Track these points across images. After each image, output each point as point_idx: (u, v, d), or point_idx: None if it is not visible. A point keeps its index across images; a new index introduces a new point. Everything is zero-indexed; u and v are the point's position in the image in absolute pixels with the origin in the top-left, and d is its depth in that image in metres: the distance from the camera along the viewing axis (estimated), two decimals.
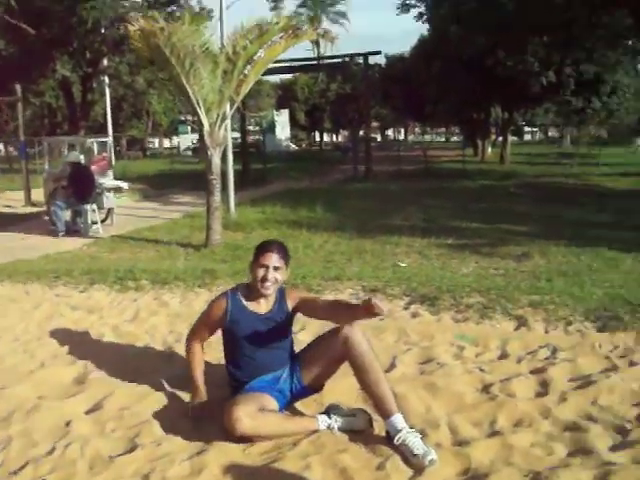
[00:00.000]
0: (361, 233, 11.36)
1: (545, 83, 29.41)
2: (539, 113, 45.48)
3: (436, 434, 3.39)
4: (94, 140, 18.02)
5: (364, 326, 5.16)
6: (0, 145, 51.14)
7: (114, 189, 14.72)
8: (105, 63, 31.04)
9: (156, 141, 73.14)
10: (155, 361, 4.69)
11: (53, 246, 11.38)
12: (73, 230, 13.02)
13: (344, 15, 66.76)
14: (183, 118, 58.25)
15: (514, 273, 7.74)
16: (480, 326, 5.31)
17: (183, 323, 5.59)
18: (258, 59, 10.31)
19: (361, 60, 28.12)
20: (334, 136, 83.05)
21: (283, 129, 53.29)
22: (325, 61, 32.30)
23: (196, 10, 28.95)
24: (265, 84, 61.31)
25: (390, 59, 47.32)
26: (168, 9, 30.28)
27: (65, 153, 15.10)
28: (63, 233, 12.68)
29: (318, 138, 73.06)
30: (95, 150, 17.21)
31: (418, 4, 33.94)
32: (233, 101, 10.82)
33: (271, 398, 3.51)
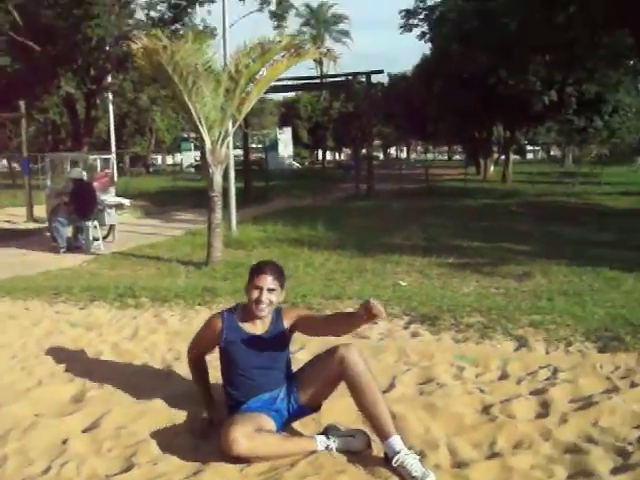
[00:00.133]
0: (362, 251, 11.34)
1: (547, 102, 29.47)
2: (541, 132, 45.51)
3: (435, 455, 3.36)
4: (97, 157, 18.07)
5: (362, 346, 5.18)
6: (3, 161, 51.29)
7: (116, 206, 14.74)
8: (109, 80, 31.23)
9: (159, 158, 73.33)
10: (154, 379, 4.67)
11: (54, 262, 11.37)
12: (74, 246, 13.01)
13: (347, 34, 67.45)
14: (186, 135, 58.42)
15: (515, 292, 7.71)
16: (480, 346, 5.29)
17: (182, 341, 5.55)
18: (260, 77, 10.34)
19: (364, 79, 28.26)
20: (337, 154, 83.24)
21: (286, 147, 53.48)
22: (328, 80, 32.44)
23: (200, 28, 29.16)
24: (268, 102, 61.63)
25: (393, 78, 47.54)
26: (172, 27, 30.49)
27: (68, 169, 15.12)
28: (64, 249, 12.67)
29: (321, 156, 73.23)
30: (98, 167, 17.26)
31: (421, 23, 34.11)
32: (235, 119, 10.84)
33: (268, 418, 3.48)
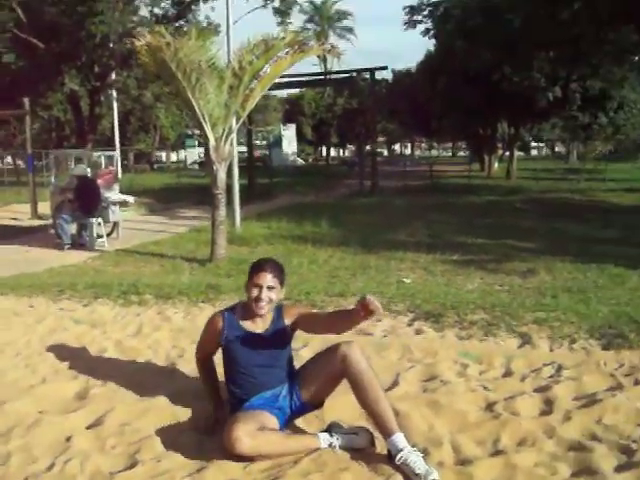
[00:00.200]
0: (366, 248, 11.33)
1: (551, 98, 29.46)
2: (545, 128, 45.54)
3: (439, 453, 3.35)
4: (101, 154, 18.08)
5: (366, 343, 5.18)
6: (8, 158, 51.38)
7: (120, 203, 14.75)
8: (113, 77, 31.24)
9: (163, 155, 73.38)
10: (157, 376, 4.67)
11: (58, 259, 11.38)
12: (79, 243, 13.03)
13: (351, 30, 67.32)
14: (190, 132, 58.47)
15: (519, 289, 7.70)
16: (484, 343, 5.28)
17: (186, 338, 5.57)
18: (264, 74, 10.32)
19: (368, 75, 28.22)
20: (341, 151, 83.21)
21: (290, 143, 53.45)
22: (332, 76, 32.43)
23: (203, 25, 29.15)
24: (272, 99, 61.58)
25: (397, 74, 47.50)
26: (176, 24, 30.48)
27: (72, 166, 15.14)
28: (69, 246, 12.69)
29: (325, 153, 73.19)
30: (102, 164, 17.27)
31: (425, 20, 34.03)
32: (239, 116, 10.82)
33: (271, 416, 3.48)
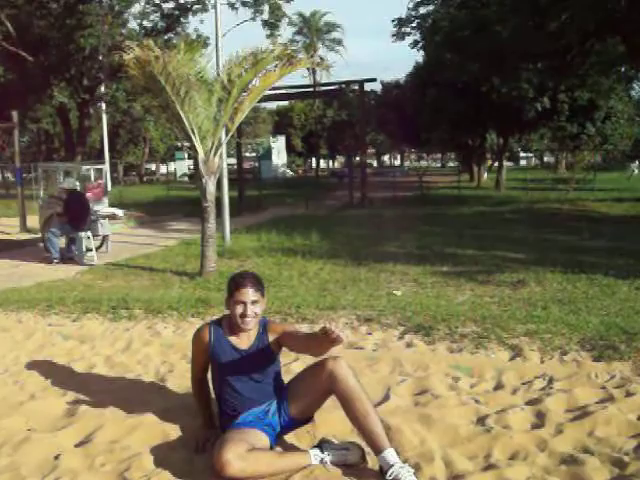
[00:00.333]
0: (356, 260, 11.31)
1: (540, 109, 29.62)
2: (534, 139, 45.75)
3: (430, 468, 3.34)
4: (90, 167, 18.04)
5: (357, 356, 5.17)
6: None
7: (109, 216, 14.70)
8: (102, 90, 31.21)
9: (153, 167, 73.36)
10: (147, 393, 4.64)
11: (47, 274, 11.32)
12: (68, 257, 12.97)
13: (340, 42, 67.63)
14: (179, 144, 58.52)
15: (509, 301, 7.69)
16: (475, 356, 5.28)
17: (176, 354, 5.55)
18: (253, 87, 10.31)
19: (357, 87, 28.31)
20: (330, 162, 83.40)
21: (279, 155, 53.63)
22: (321, 88, 32.49)
23: (192, 38, 29.20)
24: (261, 111, 61.67)
25: (386, 86, 47.64)
26: (165, 37, 30.56)
27: (61, 180, 15.09)
28: (57, 260, 12.62)
29: (314, 164, 73.38)
30: (92, 177, 17.23)
31: (413, 32, 34.17)
32: (228, 129, 10.81)
33: (261, 433, 3.45)
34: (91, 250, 12.93)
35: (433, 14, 32.76)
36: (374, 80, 29.31)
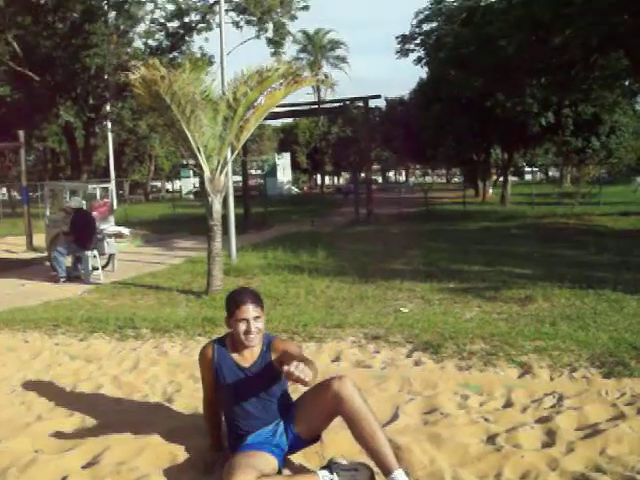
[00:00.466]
0: (363, 278, 11.27)
1: (544, 124, 29.65)
2: (539, 153, 45.75)
3: None
4: (96, 186, 18.08)
5: (365, 375, 5.14)
6: (3, 189, 51.48)
7: (115, 235, 14.71)
8: (108, 108, 31.38)
9: (158, 184, 73.60)
10: (154, 413, 4.62)
11: (53, 292, 11.33)
12: (74, 276, 12.98)
13: (344, 60, 67.84)
14: (185, 162, 58.70)
15: (517, 317, 7.66)
16: (484, 374, 5.24)
17: (183, 373, 5.53)
18: (259, 105, 10.32)
19: (361, 104, 28.39)
20: (335, 179, 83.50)
21: (285, 172, 53.71)
22: (326, 105, 32.60)
23: (197, 56, 29.35)
24: (266, 128, 61.94)
25: (390, 102, 47.74)
26: (170, 55, 30.76)
27: (67, 198, 15.11)
28: (64, 279, 12.62)
29: (319, 181, 73.50)
30: (98, 195, 17.26)
31: (417, 48, 34.32)
32: (234, 147, 10.80)
33: (269, 456, 3.40)
34: (97, 269, 12.94)
35: (437, 31, 32.90)
36: (378, 97, 29.38)
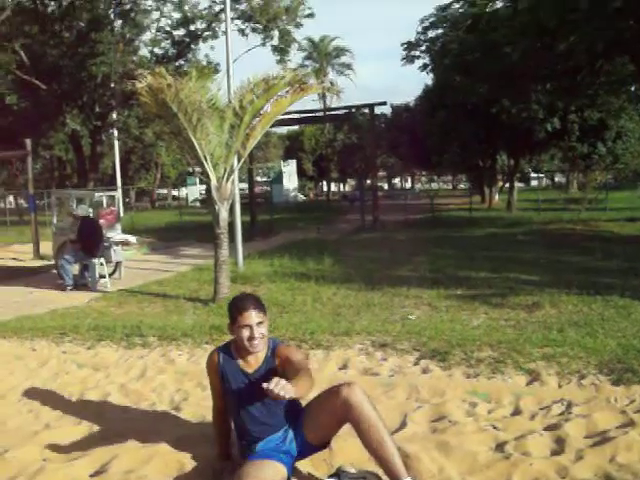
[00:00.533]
0: (370, 285, 11.26)
1: (550, 129, 29.61)
2: (545, 159, 45.67)
3: None
4: (102, 194, 18.13)
5: (373, 383, 5.13)
6: (10, 197, 51.61)
7: (122, 242, 14.73)
8: (114, 116, 31.53)
9: (164, 192, 73.72)
10: (162, 421, 4.62)
11: (60, 300, 11.35)
12: (81, 284, 13.00)
13: (349, 66, 67.93)
14: (191, 170, 58.85)
15: (525, 324, 7.64)
16: (492, 381, 5.22)
17: (190, 381, 5.53)
18: (265, 113, 10.34)
19: (367, 110, 28.42)
20: (341, 185, 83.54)
21: (291, 179, 53.74)
22: (331, 112, 32.64)
23: (203, 64, 29.49)
24: (272, 135, 62.01)
25: (395, 109, 47.77)
26: (176, 63, 30.90)
27: (73, 206, 15.15)
28: (71, 287, 12.65)
29: (325, 188, 73.52)
30: (104, 203, 17.31)
31: (422, 55, 34.35)
32: (240, 155, 10.81)
33: (279, 464, 3.39)
34: (104, 277, 12.96)
35: (442, 37, 32.93)
36: (384, 104, 29.41)
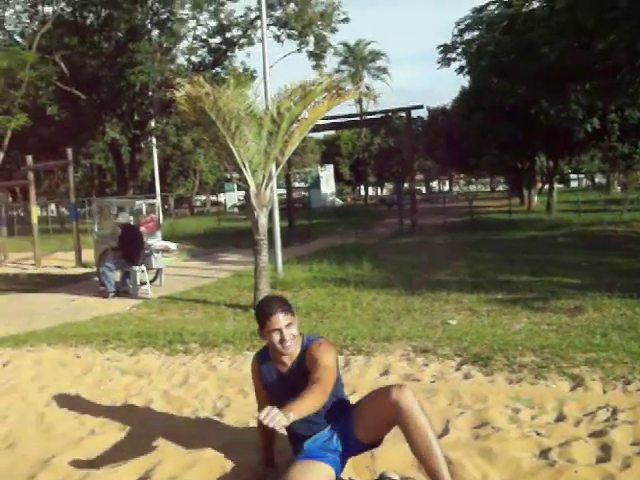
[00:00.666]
0: (409, 289, 11.22)
1: (590, 130, 29.21)
2: (585, 160, 45.12)
3: None
4: (143, 202, 18.33)
5: (414, 389, 5.10)
6: (52, 206, 52.42)
7: (162, 249, 14.88)
8: (152, 125, 31.86)
9: (202, 198, 74.30)
10: (204, 428, 4.64)
11: (103, 307, 11.50)
12: (122, 291, 13.17)
13: (385, 70, 67.87)
14: (229, 176, 59.26)
15: (567, 328, 7.54)
16: (535, 387, 5.15)
17: (232, 388, 5.55)
18: (302, 119, 10.36)
19: (403, 114, 28.35)
20: (379, 189, 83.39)
21: (328, 184, 53.81)
22: (368, 116, 32.63)
23: (239, 71, 29.68)
24: (309, 140, 62.13)
25: (432, 112, 47.63)
26: (212, 71, 31.15)
27: (114, 215, 15.36)
28: (113, 294, 12.82)
29: (363, 192, 73.43)
30: (143, 211, 17.50)
31: (458, 57, 34.18)
32: (279, 162, 10.85)
33: (326, 465, 3.37)
34: (145, 284, 13.10)
35: (478, 39, 32.73)
36: (421, 107, 29.33)
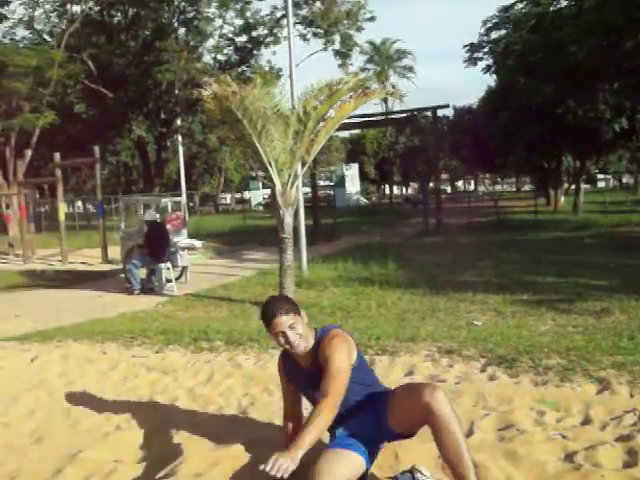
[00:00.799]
0: (434, 290, 11.19)
1: (618, 130, 28.93)
2: (612, 160, 44.71)
3: None
4: (169, 200, 18.46)
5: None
6: (79, 202, 52.93)
7: (188, 247, 14.98)
8: (178, 123, 32.05)
9: (228, 197, 74.60)
10: (230, 425, 4.66)
11: (128, 304, 11.60)
12: (148, 288, 13.27)
13: (411, 69, 67.75)
14: (254, 174, 59.41)
15: (594, 331, 7.48)
16: (560, 389, 5.12)
17: (257, 386, 5.57)
18: (329, 118, 10.36)
19: (429, 113, 28.25)
20: (404, 189, 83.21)
21: (353, 183, 53.80)
22: (394, 115, 32.57)
23: (265, 70, 29.79)
24: (334, 139, 62.12)
25: (458, 111, 47.44)
26: (238, 69, 31.28)
27: (140, 212, 15.49)
28: (139, 291, 12.92)
29: (388, 191, 73.29)
30: (169, 208, 17.62)
31: (485, 57, 34.03)
32: (304, 161, 10.86)
33: (355, 455, 3.36)
34: (171, 281, 13.20)
35: (505, 38, 32.55)
36: (447, 106, 29.19)
